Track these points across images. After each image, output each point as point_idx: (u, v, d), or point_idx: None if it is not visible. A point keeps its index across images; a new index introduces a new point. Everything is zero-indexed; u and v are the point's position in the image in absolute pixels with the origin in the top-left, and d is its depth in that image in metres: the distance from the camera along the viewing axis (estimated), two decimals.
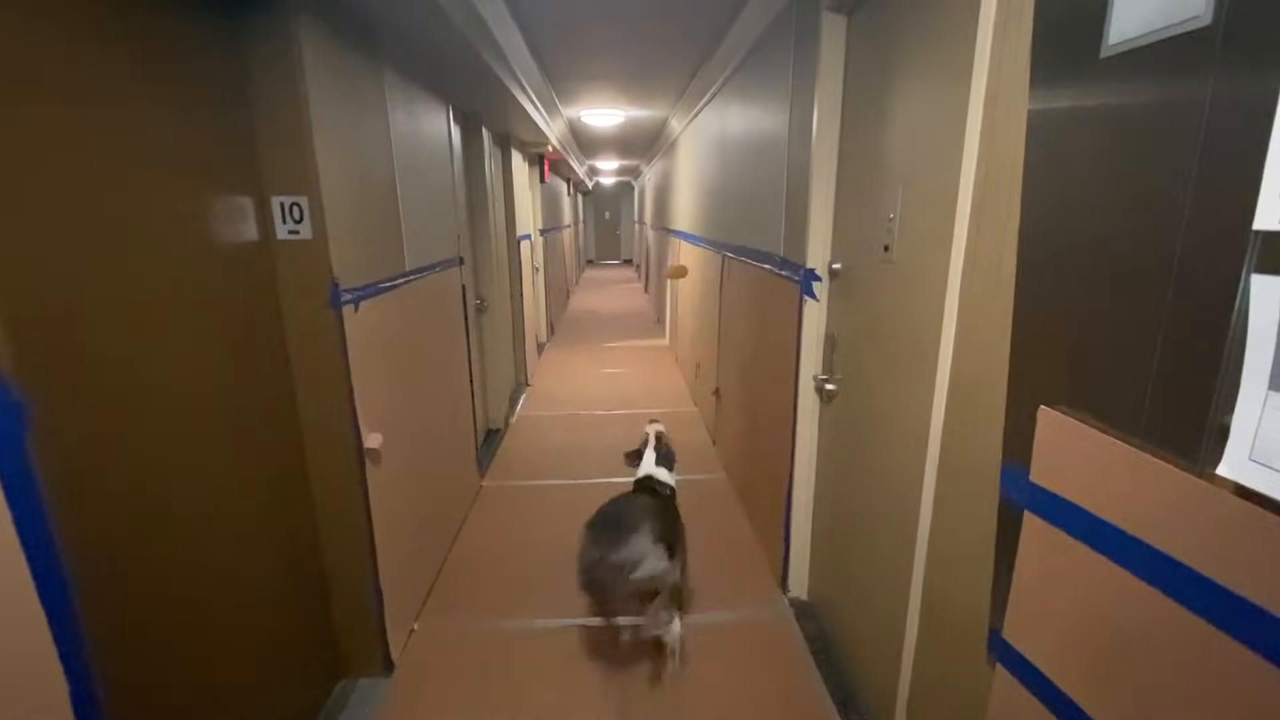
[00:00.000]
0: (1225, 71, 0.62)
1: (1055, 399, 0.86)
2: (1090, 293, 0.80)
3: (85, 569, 0.85)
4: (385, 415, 1.93)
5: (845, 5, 1.78)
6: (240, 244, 1.45)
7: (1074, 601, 0.82)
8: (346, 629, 1.88)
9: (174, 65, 1.24)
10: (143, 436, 1.13)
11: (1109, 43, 0.75)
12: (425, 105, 2.51)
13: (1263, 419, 0.58)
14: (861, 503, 1.76)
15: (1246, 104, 0.59)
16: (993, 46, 1.02)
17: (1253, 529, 0.59)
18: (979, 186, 1.07)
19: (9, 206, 0.85)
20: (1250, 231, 0.58)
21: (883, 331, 1.60)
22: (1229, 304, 0.60)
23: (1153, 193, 0.70)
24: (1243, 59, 0.60)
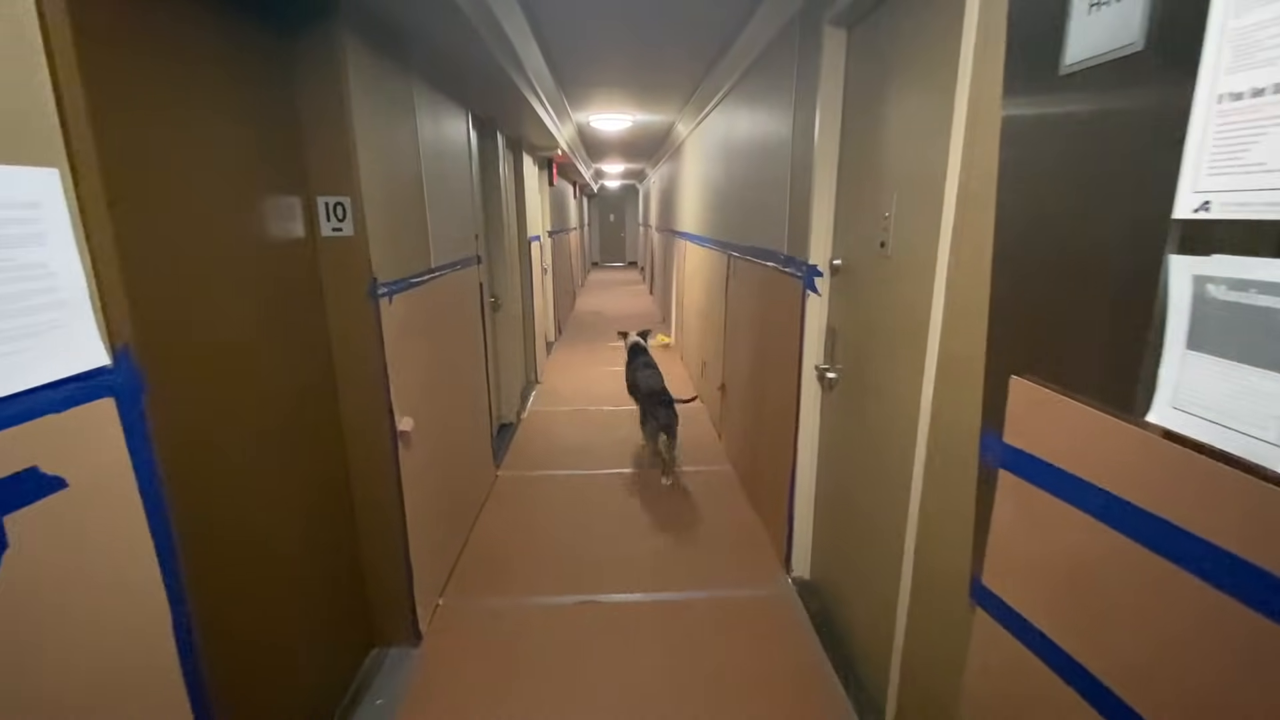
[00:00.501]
0: (1153, 87, 0.75)
1: (1024, 369, 0.98)
2: (1051, 275, 0.93)
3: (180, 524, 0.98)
4: (415, 402, 2.07)
5: (845, 20, 1.91)
6: (290, 240, 1.59)
7: (1040, 544, 0.95)
8: (379, 601, 2.01)
9: (241, 83, 1.38)
10: (217, 408, 1.27)
11: (1065, 63, 0.88)
12: (448, 112, 2.65)
13: (1181, 373, 0.71)
14: (859, 481, 1.89)
15: (1168, 114, 0.71)
16: (974, 64, 1.15)
17: (1176, 465, 0.72)
18: (963, 187, 1.20)
19: (133, 207, 0.99)
20: (1170, 220, 0.71)
21: (879, 320, 1.73)
22: (1156, 280, 0.73)
23: (1099, 188, 0.83)
24: (1166, 77, 0.73)
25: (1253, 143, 0.62)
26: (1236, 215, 0.64)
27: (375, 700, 1.85)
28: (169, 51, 1.17)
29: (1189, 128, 0.69)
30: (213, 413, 1.26)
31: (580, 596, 2.34)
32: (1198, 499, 0.70)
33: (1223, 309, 0.66)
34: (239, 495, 1.35)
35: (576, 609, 2.28)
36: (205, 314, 1.25)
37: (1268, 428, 0.61)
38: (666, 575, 2.48)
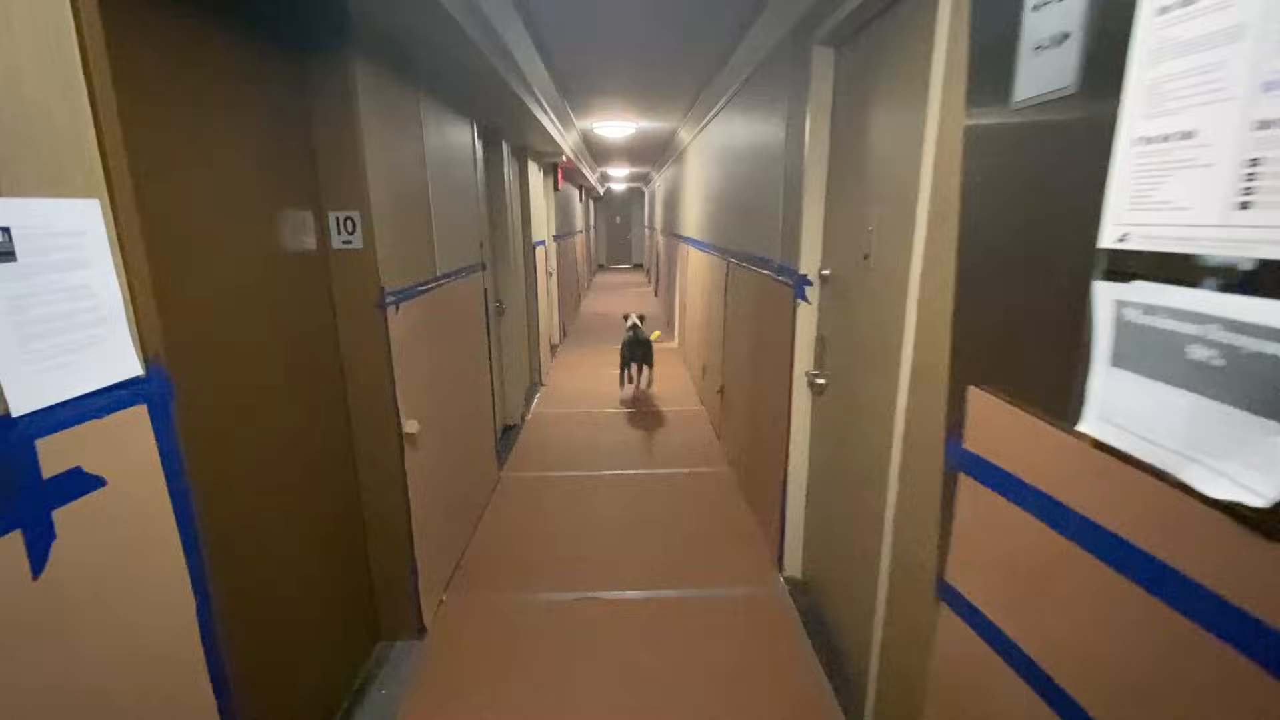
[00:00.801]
0: (1085, 126, 0.82)
1: (982, 380, 1.06)
2: (1002, 293, 1.00)
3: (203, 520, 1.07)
4: (421, 405, 2.16)
5: (833, 40, 1.99)
6: (303, 252, 1.68)
7: (992, 543, 1.02)
8: (384, 596, 2.10)
9: (258, 108, 1.48)
10: (236, 413, 1.36)
11: (1014, 99, 0.96)
12: (453, 123, 2.74)
13: (1106, 387, 0.78)
14: (844, 484, 1.96)
15: (1097, 151, 0.79)
16: (942, 92, 1.22)
17: (1102, 471, 0.79)
18: (933, 203, 1.27)
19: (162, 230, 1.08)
20: (1097, 248, 0.79)
21: (863, 329, 1.80)
22: (1086, 303, 0.81)
23: (1043, 216, 0.91)
24: (1095, 118, 0.80)
25: (1161, 182, 0.70)
26: (1149, 247, 0.72)
27: (381, 690, 1.94)
28: (195, 88, 1.26)
29: (1111, 165, 0.77)
30: (232, 417, 1.35)
31: (580, 593, 2.42)
32: (1119, 503, 0.77)
33: (1138, 331, 0.73)
34: (254, 494, 1.44)
35: (576, 605, 2.36)
36: (226, 325, 1.34)
37: (1173, 437, 0.69)
38: (664, 574, 2.56)
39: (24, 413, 0.77)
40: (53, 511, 0.80)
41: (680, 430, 4.28)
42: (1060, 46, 0.86)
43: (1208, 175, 0.64)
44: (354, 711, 1.86)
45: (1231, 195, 0.62)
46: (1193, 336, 0.66)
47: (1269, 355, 0.58)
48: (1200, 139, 0.65)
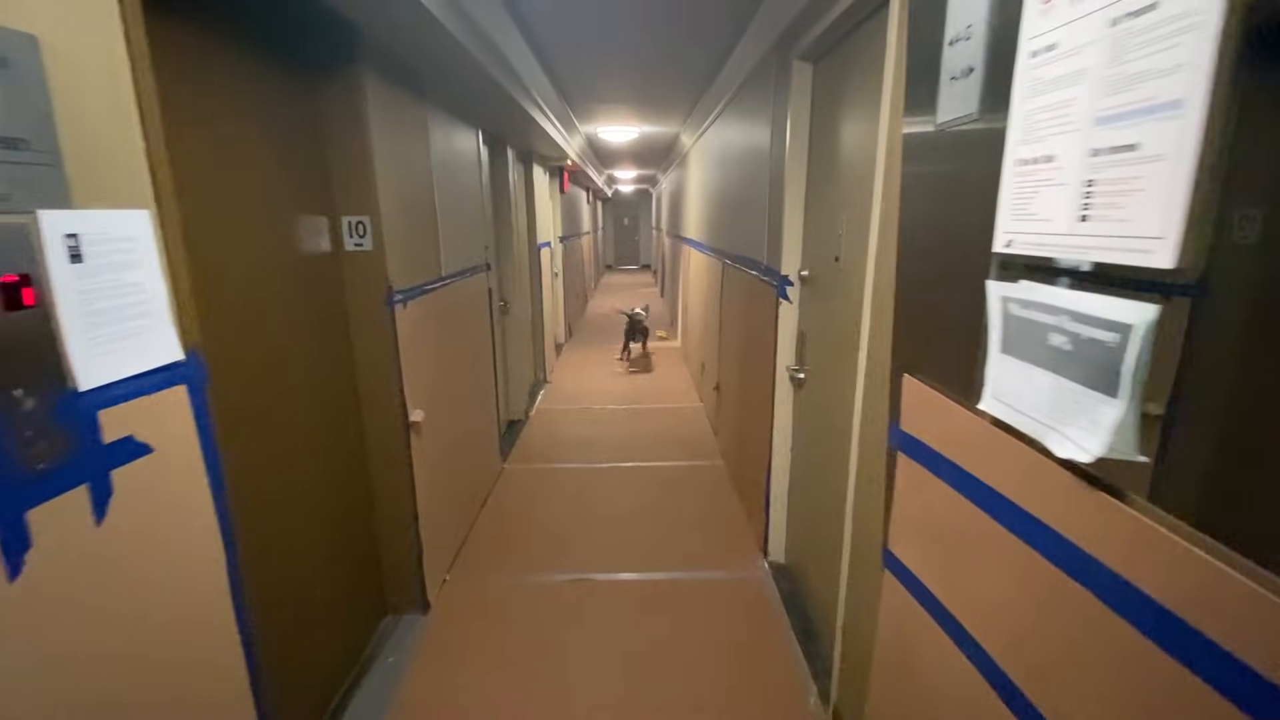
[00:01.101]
0: (984, 148, 0.96)
1: (913, 368, 1.19)
2: (929, 290, 1.14)
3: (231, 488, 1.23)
4: (426, 396, 2.31)
5: (811, 55, 2.12)
6: (319, 254, 1.84)
7: (920, 510, 1.16)
8: (391, 573, 2.26)
9: (280, 122, 1.64)
10: (258, 397, 1.52)
11: (937, 121, 1.10)
12: (459, 131, 2.90)
13: (997, 371, 0.92)
14: (819, 471, 2.10)
15: (993, 169, 0.92)
16: (890, 108, 1.36)
17: (994, 442, 0.93)
18: (883, 209, 1.41)
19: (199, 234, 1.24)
20: (991, 252, 0.92)
21: (834, 326, 1.94)
22: (983, 299, 0.94)
23: (957, 222, 1.04)
24: (991, 141, 0.93)
25: (1033, 197, 0.83)
26: (1026, 251, 0.85)
27: (388, 659, 2.10)
28: (225, 109, 1.42)
29: (1001, 181, 0.90)
30: (255, 400, 1.51)
31: (574, 575, 2.57)
32: (1005, 469, 0.91)
33: (1018, 323, 0.87)
34: (274, 471, 1.60)
35: (571, 586, 2.51)
36: (252, 318, 1.50)
37: (1039, 410, 0.82)
38: (655, 558, 2.70)
39: (89, 388, 0.92)
40: (110, 471, 0.96)
41: (679, 426, 4.42)
42: (968, 78, 1.00)
43: (1061, 193, 0.78)
44: (362, 678, 2.01)
45: (1076, 210, 0.75)
46: (1052, 326, 0.80)
47: (1098, 340, 0.72)
48: (1057, 163, 0.79)
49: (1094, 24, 0.72)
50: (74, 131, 0.90)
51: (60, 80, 0.88)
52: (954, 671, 1.04)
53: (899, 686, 1.27)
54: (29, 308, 0.84)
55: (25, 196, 0.83)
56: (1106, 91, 0.70)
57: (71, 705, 0.89)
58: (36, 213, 0.84)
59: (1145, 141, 0.65)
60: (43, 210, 0.85)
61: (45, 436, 0.86)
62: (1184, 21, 0.60)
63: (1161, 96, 0.63)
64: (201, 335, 1.15)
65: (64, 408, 0.88)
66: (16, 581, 0.81)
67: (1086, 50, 0.73)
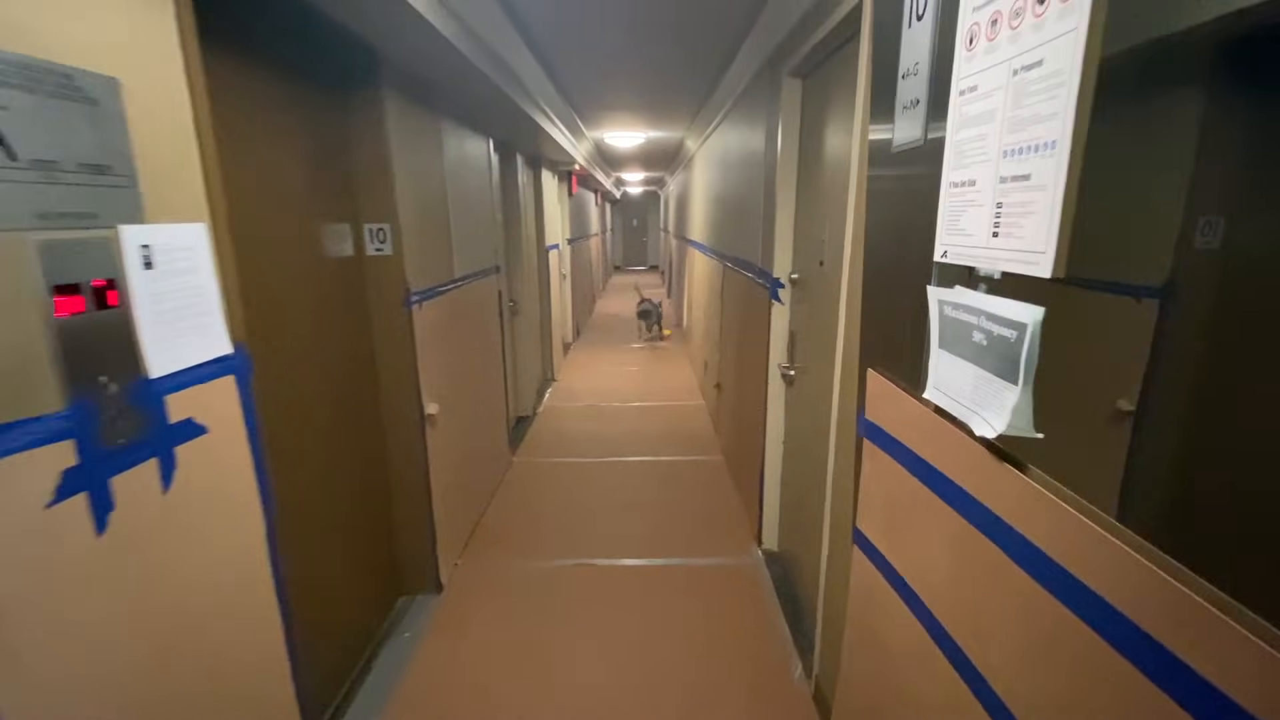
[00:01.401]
0: (926, 168, 1.10)
1: (875, 363, 1.33)
2: (884, 294, 1.28)
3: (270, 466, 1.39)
4: (440, 391, 2.48)
5: (800, 72, 2.26)
6: (343, 258, 2.01)
7: (882, 490, 1.30)
8: (407, 556, 2.42)
9: (310, 139, 1.80)
10: (291, 388, 1.68)
11: (893, 145, 1.24)
12: (471, 141, 3.06)
13: (936, 364, 1.05)
14: (805, 462, 2.24)
15: (934, 189, 1.06)
16: (860, 131, 1.50)
17: (937, 428, 1.07)
18: (854, 220, 1.55)
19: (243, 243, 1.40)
20: (932, 261, 1.06)
21: (818, 326, 2.08)
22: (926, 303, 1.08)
23: (909, 233, 1.18)
24: (933, 165, 1.07)
25: (961, 215, 0.97)
26: (957, 261, 0.99)
27: (404, 634, 2.26)
28: (264, 132, 1.59)
29: (940, 200, 1.04)
30: (288, 391, 1.67)
31: (579, 560, 2.72)
32: (942, 448, 1.05)
33: (951, 322, 1.01)
34: (303, 458, 1.76)
35: (575, 570, 2.66)
36: (287, 317, 1.66)
37: (965, 396, 0.96)
38: (654, 546, 2.84)
39: (158, 375, 1.09)
40: (175, 448, 1.12)
41: (681, 423, 4.57)
42: (915, 109, 1.14)
43: (980, 212, 0.92)
44: (380, 650, 2.17)
45: (990, 227, 0.89)
46: (974, 325, 0.94)
47: (1004, 336, 0.86)
48: (978, 186, 0.93)
49: (1001, 72, 0.86)
50: (146, 157, 1.06)
51: (135, 115, 1.04)
52: (907, 630, 1.18)
53: (866, 651, 1.41)
54: (113, 308, 1.00)
55: (109, 214, 1.00)
56: (1010, 129, 0.84)
57: (140, 638, 1.05)
58: (118, 227, 1.01)
59: (1034, 173, 0.79)
60: (123, 225, 1.01)
61: (124, 416, 1.02)
62: (1057, 78, 0.74)
63: (1044, 137, 0.77)
64: (246, 331, 1.31)
65: (138, 392, 1.05)
66: (102, 536, 0.97)
67: (995, 94, 0.87)
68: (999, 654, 0.89)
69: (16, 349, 0.85)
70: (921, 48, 1.11)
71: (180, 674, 1.14)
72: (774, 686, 2.01)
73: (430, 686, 2.01)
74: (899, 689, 1.22)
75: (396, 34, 1.87)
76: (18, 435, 0.84)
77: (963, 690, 0.97)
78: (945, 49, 1.03)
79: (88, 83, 0.96)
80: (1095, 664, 0.70)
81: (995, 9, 0.87)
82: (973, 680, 0.95)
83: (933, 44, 1.08)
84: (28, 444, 0.86)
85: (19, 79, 0.85)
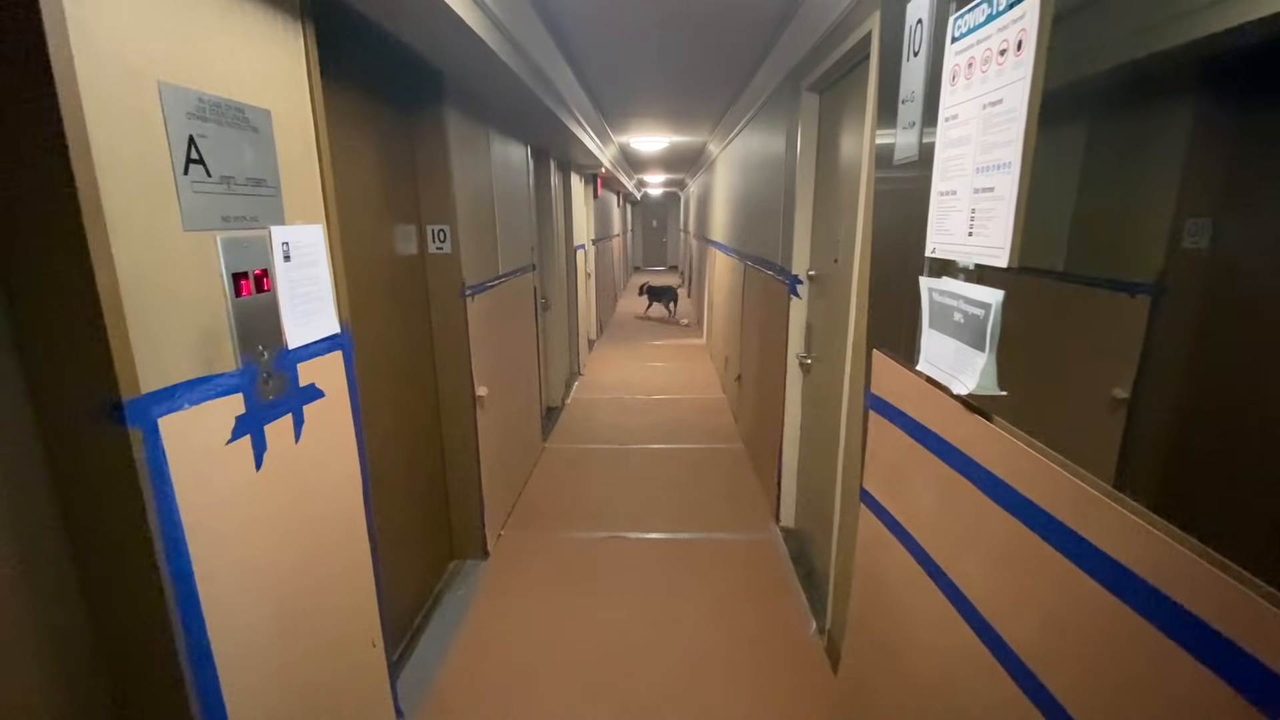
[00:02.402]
0: (922, 178, 1.32)
1: (880, 345, 1.56)
2: (888, 284, 1.50)
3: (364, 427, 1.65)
4: (487, 375, 2.74)
5: (818, 87, 2.48)
6: (410, 255, 2.27)
7: (884, 452, 1.52)
8: (459, 525, 2.69)
9: (387, 150, 2.07)
10: (373, 366, 1.95)
11: (894, 159, 1.46)
12: (513, 148, 3.33)
13: (926, 341, 1.28)
14: (820, 441, 2.46)
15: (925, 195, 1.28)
16: (868, 145, 1.72)
17: (927, 394, 1.29)
18: (863, 221, 1.77)
19: (346, 241, 1.66)
20: (924, 256, 1.29)
21: (833, 317, 2.30)
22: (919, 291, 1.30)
23: (908, 233, 1.41)
24: (925, 175, 1.30)
25: (945, 218, 1.20)
26: (943, 256, 1.22)
27: (458, 592, 2.52)
28: (357, 147, 1.86)
29: (930, 205, 1.26)
30: (368, 370, 1.94)
31: (610, 533, 2.97)
32: (930, 409, 1.27)
33: (937, 306, 1.23)
34: (380, 427, 2.03)
35: (606, 542, 2.91)
36: (369, 306, 1.93)
37: (947, 364, 1.19)
38: (679, 522, 3.08)
39: (293, 347, 1.35)
40: (304, 406, 1.38)
41: (703, 415, 4.79)
42: (911, 129, 1.36)
43: (960, 216, 1.14)
44: (438, 605, 2.44)
45: (967, 228, 1.12)
46: (954, 307, 1.16)
47: (975, 314, 1.08)
48: (958, 195, 1.15)
49: (975, 105, 1.08)
50: (286, 171, 1.32)
51: (280, 137, 1.31)
52: (902, 565, 1.40)
53: (871, 592, 1.63)
54: (266, 291, 1.26)
55: (264, 217, 1.26)
56: (980, 151, 1.07)
57: (285, 549, 1.31)
58: (269, 228, 1.27)
59: (996, 186, 1.01)
60: (273, 226, 1.28)
61: (274, 378, 1.28)
62: (1011, 114, 0.97)
63: (1003, 159, 0.99)
64: (349, 314, 1.57)
65: (281, 359, 1.31)
66: (259, 471, 1.23)
67: (971, 122, 1.10)
68: (972, 568, 1.11)
69: (214, 319, 1.12)
70: (917, 79, 1.34)
71: (311, 583, 1.40)
72: (790, 642, 2.24)
73: (482, 636, 2.27)
74: (896, 617, 1.45)
75: (460, 57, 2.13)
76: (212, 386, 1.11)
77: (944, 603, 1.19)
78: (935, 81, 1.25)
79: (252, 114, 1.22)
80: (1044, 566, 0.92)
81: (971, 54, 1.10)
82: (953, 595, 1.17)
83: (926, 76, 1.30)
84: (217, 393, 1.12)
85: (214, 115, 1.12)
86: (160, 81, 1.00)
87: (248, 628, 1.21)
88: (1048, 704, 0.89)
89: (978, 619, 1.09)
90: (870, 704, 1.59)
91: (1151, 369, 1.16)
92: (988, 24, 1.03)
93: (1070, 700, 0.85)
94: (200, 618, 1.07)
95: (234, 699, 1.15)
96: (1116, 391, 1.12)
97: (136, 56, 0.96)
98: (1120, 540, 0.77)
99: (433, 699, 1.98)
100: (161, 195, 1.01)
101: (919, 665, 1.32)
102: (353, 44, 1.80)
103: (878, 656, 1.55)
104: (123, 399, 0.92)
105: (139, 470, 0.95)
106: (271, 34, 1.29)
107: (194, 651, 1.07)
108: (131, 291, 0.95)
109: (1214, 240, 1.06)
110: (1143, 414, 1.10)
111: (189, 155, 1.06)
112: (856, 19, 1.82)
